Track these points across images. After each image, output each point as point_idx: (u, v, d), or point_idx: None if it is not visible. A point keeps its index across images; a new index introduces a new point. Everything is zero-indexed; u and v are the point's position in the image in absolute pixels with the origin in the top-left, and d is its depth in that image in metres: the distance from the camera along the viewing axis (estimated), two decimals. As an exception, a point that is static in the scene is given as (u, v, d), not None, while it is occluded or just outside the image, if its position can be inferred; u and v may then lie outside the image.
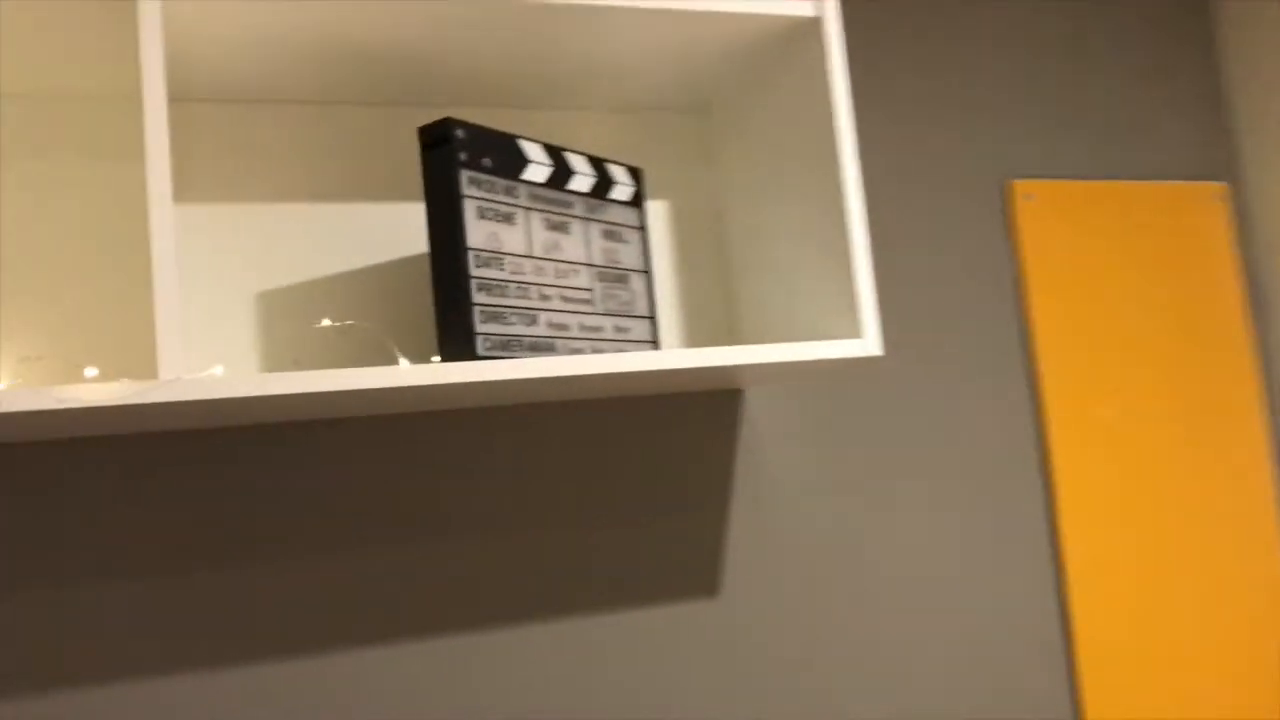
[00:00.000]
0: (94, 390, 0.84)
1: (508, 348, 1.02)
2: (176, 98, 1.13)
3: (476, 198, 1.01)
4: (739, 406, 1.33)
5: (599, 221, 1.14)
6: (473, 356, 0.98)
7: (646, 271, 1.19)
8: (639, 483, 1.27)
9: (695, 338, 1.32)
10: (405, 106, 1.22)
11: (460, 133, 1.01)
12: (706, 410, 1.31)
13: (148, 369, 1.09)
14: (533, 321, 1.05)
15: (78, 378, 1.05)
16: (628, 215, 1.18)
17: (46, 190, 1.08)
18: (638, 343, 1.17)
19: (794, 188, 1.19)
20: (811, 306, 1.17)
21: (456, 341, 0.99)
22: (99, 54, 1.02)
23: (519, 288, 1.04)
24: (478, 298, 1.00)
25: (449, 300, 0.99)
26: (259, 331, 1.13)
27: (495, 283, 1.01)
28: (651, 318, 1.19)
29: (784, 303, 1.22)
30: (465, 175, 1.01)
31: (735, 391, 1.33)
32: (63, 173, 1.09)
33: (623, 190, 1.18)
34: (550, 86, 1.22)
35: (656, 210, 1.32)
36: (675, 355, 1.01)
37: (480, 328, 0.99)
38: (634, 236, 1.18)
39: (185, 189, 1.13)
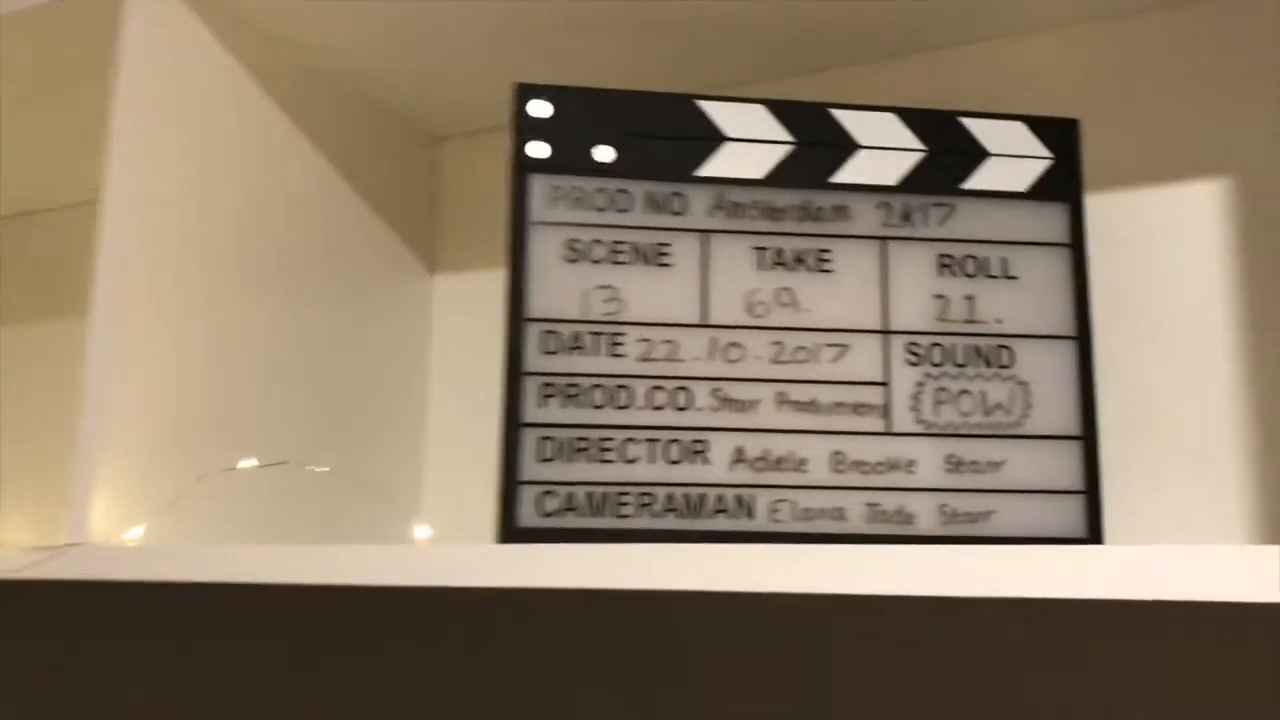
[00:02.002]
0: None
1: (611, 510, 0.51)
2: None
3: (565, 224, 0.53)
4: None
5: (930, 240, 0.55)
6: (510, 533, 0.50)
7: (1076, 338, 0.55)
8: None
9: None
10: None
11: (538, 106, 0.54)
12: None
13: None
14: (692, 456, 0.52)
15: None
16: (1022, 221, 0.56)
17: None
18: (1020, 494, 0.53)
19: None
20: None
21: (500, 501, 0.51)
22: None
23: (658, 388, 0.52)
24: (538, 414, 0.51)
25: (504, 420, 0.53)
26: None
27: (593, 380, 0.52)
28: (1084, 439, 0.53)
29: None
30: (544, 184, 0.53)
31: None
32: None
33: (1007, 172, 0.56)
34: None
35: (1120, 208, 0.63)
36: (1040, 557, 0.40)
37: (533, 473, 0.51)
38: (1037, 264, 0.55)
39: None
